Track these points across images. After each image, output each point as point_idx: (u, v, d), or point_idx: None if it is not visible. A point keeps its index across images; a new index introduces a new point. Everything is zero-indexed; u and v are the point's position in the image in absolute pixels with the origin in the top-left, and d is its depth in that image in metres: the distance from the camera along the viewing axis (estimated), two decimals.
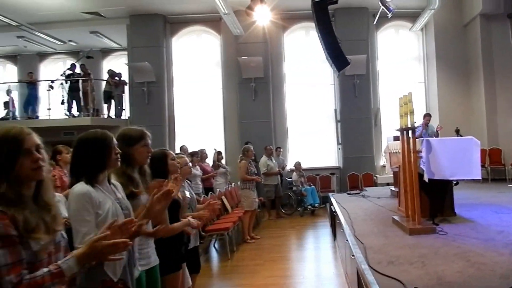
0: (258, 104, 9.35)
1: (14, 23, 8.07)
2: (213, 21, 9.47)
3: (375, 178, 9.03)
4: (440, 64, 9.41)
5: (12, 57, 11.23)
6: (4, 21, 7.98)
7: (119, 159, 1.69)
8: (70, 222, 1.52)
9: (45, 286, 1.17)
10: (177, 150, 7.47)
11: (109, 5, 8.51)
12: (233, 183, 7.55)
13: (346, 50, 6.73)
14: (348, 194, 6.73)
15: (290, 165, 9.04)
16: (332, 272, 4.32)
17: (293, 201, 8.24)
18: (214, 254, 5.59)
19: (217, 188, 6.58)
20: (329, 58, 6.78)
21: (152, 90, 9.29)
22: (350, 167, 9.13)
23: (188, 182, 3.25)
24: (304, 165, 8.70)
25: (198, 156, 6.43)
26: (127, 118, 9.48)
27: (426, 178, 3.74)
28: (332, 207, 5.79)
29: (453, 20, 9.38)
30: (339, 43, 6.60)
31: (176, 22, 9.67)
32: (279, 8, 8.40)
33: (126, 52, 10.00)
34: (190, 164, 3.56)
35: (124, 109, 9.51)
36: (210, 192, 5.80)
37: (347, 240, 3.43)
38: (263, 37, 9.30)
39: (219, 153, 7.45)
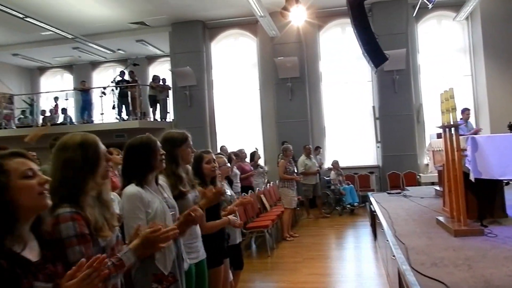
0: (294, 103, 9.41)
1: (70, 36, 8.86)
2: (249, 24, 9.69)
3: (418, 177, 8.70)
4: (489, 55, 8.81)
5: (68, 67, 12.32)
6: (62, 34, 8.80)
7: (164, 161, 1.83)
8: (122, 219, 1.66)
9: (111, 277, 1.29)
10: (218, 150, 7.79)
11: (153, 14, 9.04)
12: (271, 182, 7.71)
13: (384, 45, 6.55)
14: (388, 193, 6.57)
15: (327, 164, 9.01)
16: (373, 272, 4.31)
17: (331, 200, 8.22)
18: (254, 250, 5.76)
19: (256, 187, 6.76)
20: (366, 54, 6.66)
21: (194, 93, 9.71)
22: (390, 165, 8.89)
23: (228, 181, 3.41)
24: (342, 164, 8.64)
25: (238, 156, 6.65)
26: (171, 120, 9.99)
27: (472, 177, 3.59)
28: (371, 206, 5.71)
29: (502, 7, 8.75)
30: (377, 39, 6.47)
31: (214, 27, 10.02)
32: (314, 7, 8.37)
33: (169, 58, 10.55)
34: (229, 164, 3.74)
35: (168, 112, 10.03)
36: (250, 191, 5.99)
37: (387, 240, 3.40)
38: (298, 37, 9.34)
39: (257, 152, 7.63)
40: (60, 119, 10.67)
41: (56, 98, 10.82)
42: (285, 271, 4.53)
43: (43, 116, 10.85)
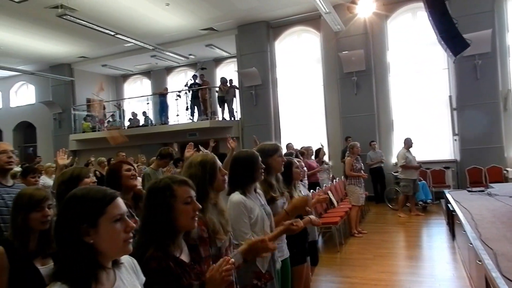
0: (360, 97, 9.19)
1: (149, 46, 9.86)
2: (312, 19, 9.67)
3: (505, 172, 7.85)
4: None
5: (147, 73, 13.67)
6: (142, 46, 9.85)
7: (263, 173, 2.08)
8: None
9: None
10: (283, 147, 8.03)
11: (221, 20, 9.56)
12: (337, 178, 7.73)
13: (464, 27, 5.88)
14: (469, 191, 5.93)
15: (395, 159, 8.67)
16: (451, 273, 4.14)
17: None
18: (321, 245, 5.83)
19: (323, 184, 6.87)
20: (443, 42, 6.24)
21: (259, 92, 10.04)
22: (469, 160, 8.16)
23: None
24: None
25: (304, 154, 6.82)
26: (238, 119, 10.48)
27: None
28: (449, 205, 5.40)
29: None
30: (456, 24, 6.00)
31: (278, 26, 10.19)
32: None
33: (234, 59, 11.04)
34: (303, 164, 3.95)
35: (236, 111, 10.54)
36: (317, 187, 6.13)
37: (471, 244, 3.21)
38: (364, 29, 9.04)
39: (322, 149, 7.70)
40: (142, 121, 11.91)
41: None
42: (356, 267, 4.56)
43: (128, 119, 12.23)
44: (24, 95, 14.27)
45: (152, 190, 1.35)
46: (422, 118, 9.11)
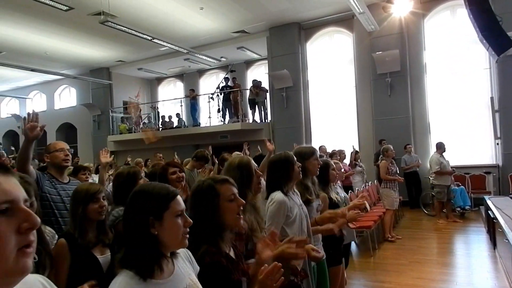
0: (394, 99, 8.96)
1: (183, 50, 10.17)
2: (345, 20, 9.56)
3: None
4: None
5: (179, 76, 14.09)
6: (176, 49, 10.16)
7: (301, 173, 2.16)
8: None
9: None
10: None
11: (253, 22, 9.67)
12: (369, 182, 7.59)
13: (509, 24, 5.55)
14: None
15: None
16: (492, 283, 3.98)
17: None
18: (354, 249, 5.78)
19: (355, 187, 6.80)
20: (484, 41, 5.97)
21: (290, 94, 10.03)
22: None
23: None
24: (451, 163, 7.88)
25: (337, 156, 6.79)
26: (269, 121, 10.54)
27: None
28: (489, 212, 5.18)
29: None
30: (500, 22, 5.72)
31: (309, 28, 10.14)
32: None
33: (265, 61, 11.12)
34: (341, 166, 3.97)
35: (266, 114, 10.61)
36: (349, 191, 6.08)
37: None
38: (399, 28, 8.81)
39: (356, 152, 7.61)
40: (175, 122, 12.30)
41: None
42: (390, 272, 4.49)
43: (162, 121, 12.64)
44: (66, 98, 15.20)
45: (197, 191, 1.42)
46: (460, 121, 8.75)
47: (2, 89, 15.38)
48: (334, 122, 10.03)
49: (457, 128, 8.74)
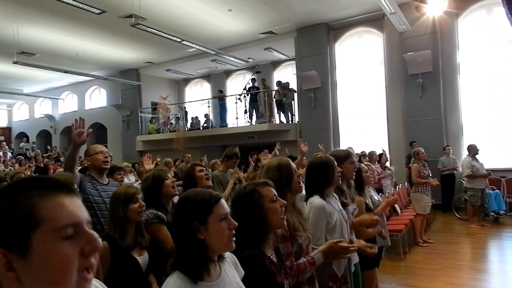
0: (425, 100, 8.73)
1: (211, 51, 10.32)
2: (375, 20, 9.40)
3: None
4: None
5: (207, 77, 14.27)
6: (204, 50, 10.34)
7: (340, 177, 2.13)
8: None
9: (305, 271, 1.58)
10: None
11: (281, 23, 9.68)
12: (399, 184, 7.47)
13: None
14: None
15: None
16: None
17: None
18: (383, 252, 5.75)
19: (385, 190, 6.71)
20: None
21: (318, 95, 9.95)
22: None
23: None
24: (486, 166, 7.63)
25: (366, 158, 6.72)
26: (296, 122, 10.50)
27: None
28: None
29: None
30: None
31: (338, 28, 10.03)
32: None
33: (292, 62, 11.06)
34: (373, 168, 3.97)
35: (294, 115, 10.58)
36: (380, 194, 6.01)
37: None
38: (432, 28, 8.56)
39: (384, 154, 7.50)
40: (202, 122, 12.44)
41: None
42: (422, 277, 4.44)
43: (190, 121, 12.82)
44: (96, 98, 15.75)
45: (239, 196, 1.47)
46: (496, 122, 8.45)
47: (36, 90, 16.07)
48: (362, 123, 9.88)
49: (492, 130, 8.45)
